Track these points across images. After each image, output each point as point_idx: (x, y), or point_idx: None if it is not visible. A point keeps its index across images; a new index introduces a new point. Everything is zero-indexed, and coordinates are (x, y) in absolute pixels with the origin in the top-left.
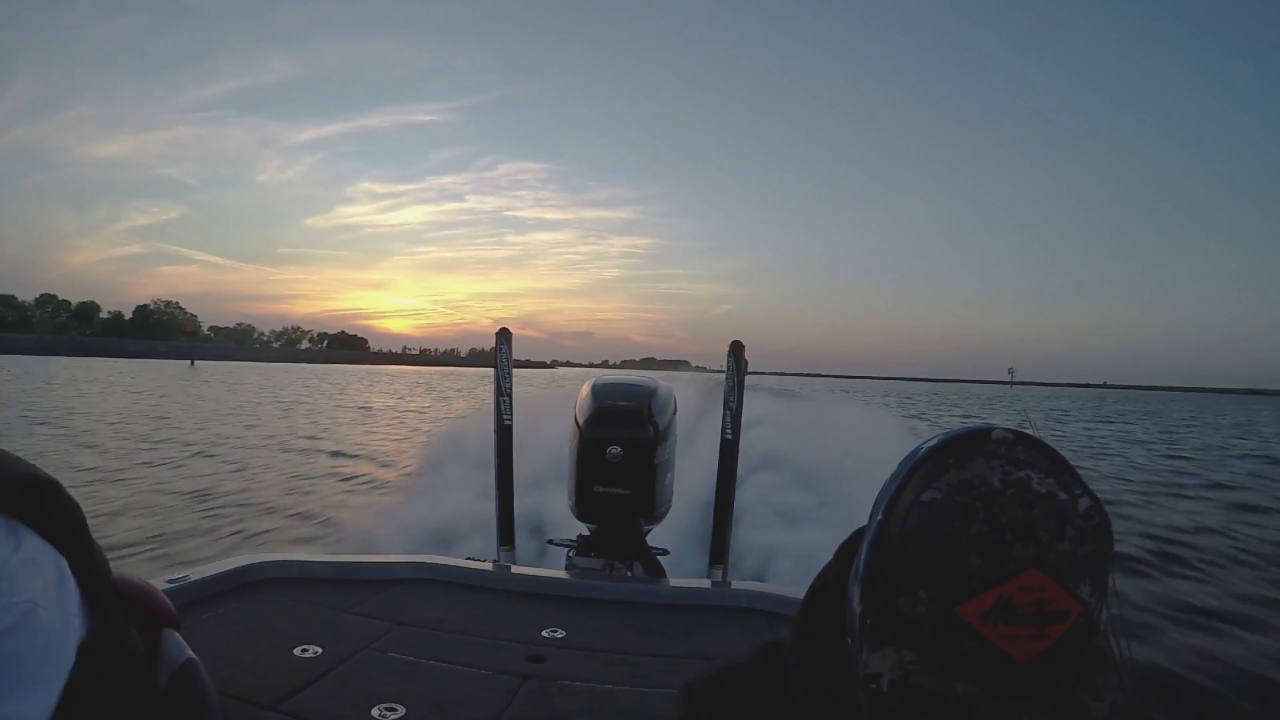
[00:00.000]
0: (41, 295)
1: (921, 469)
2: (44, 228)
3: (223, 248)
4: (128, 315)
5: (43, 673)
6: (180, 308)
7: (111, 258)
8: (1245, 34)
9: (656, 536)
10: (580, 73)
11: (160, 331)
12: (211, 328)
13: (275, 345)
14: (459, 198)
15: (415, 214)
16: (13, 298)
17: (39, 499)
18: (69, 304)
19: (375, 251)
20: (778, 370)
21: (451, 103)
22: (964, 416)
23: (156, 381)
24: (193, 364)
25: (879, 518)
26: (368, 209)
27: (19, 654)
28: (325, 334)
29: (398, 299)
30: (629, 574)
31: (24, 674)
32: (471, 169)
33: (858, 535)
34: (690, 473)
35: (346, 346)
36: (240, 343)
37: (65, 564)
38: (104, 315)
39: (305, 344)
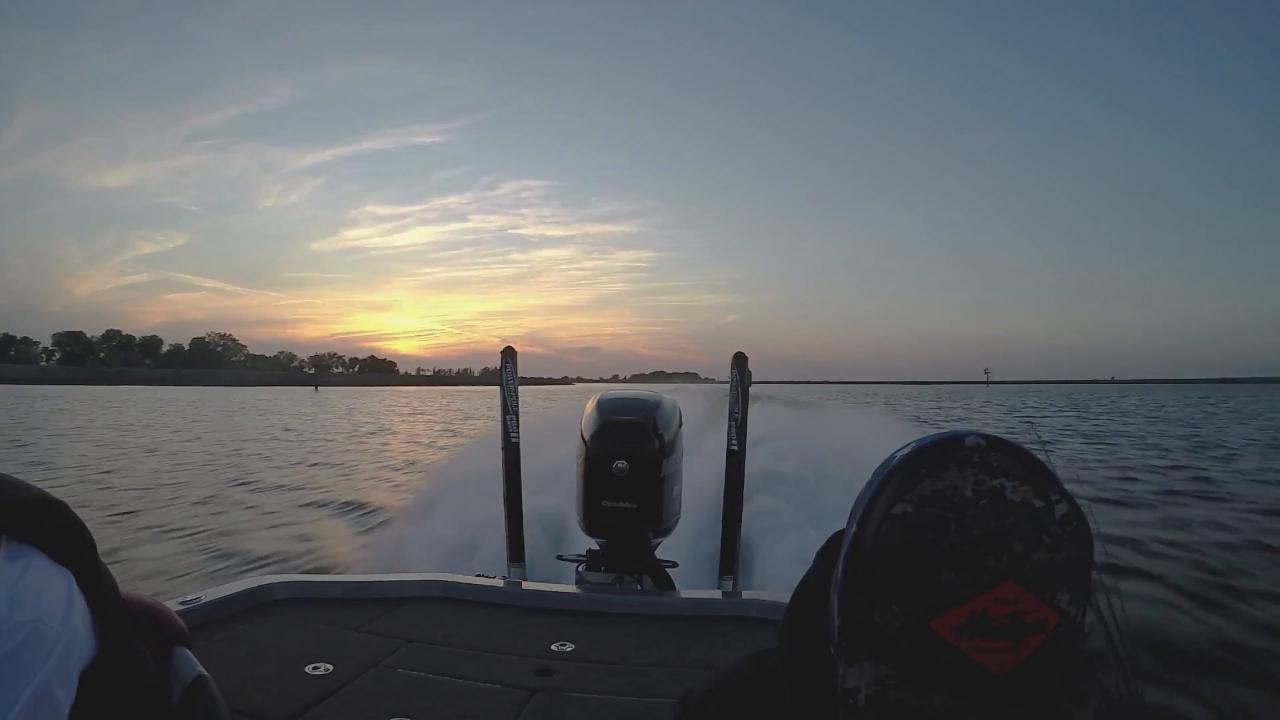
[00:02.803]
0: (107, 331)
1: (894, 479)
2: (50, 258)
3: (228, 274)
4: (146, 341)
5: (53, 689)
6: (232, 338)
7: (118, 286)
8: (1237, 31)
9: (665, 549)
10: (578, 87)
11: (216, 360)
12: (248, 355)
13: (310, 371)
14: (462, 217)
15: (419, 235)
16: (81, 334)
17: (47, 520)
18: (134, 339)
19: (380, 273)
20: (784, 379)
21: (452, 122)
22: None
23: (354, 403)
24: (317, 389)
25: (853, 529)
26: (371, 231)
27: (29, 671)
28: (356, 359)
29: (404, 320)
30: (639, 587)
31: (35, 690)
32: (474, 188)
33: (836, 540)
34: (698, 484)
35: (377, 370)
36: (283, 369)
37: (74, 583)
38: (166, 348)
39: (338, 369)
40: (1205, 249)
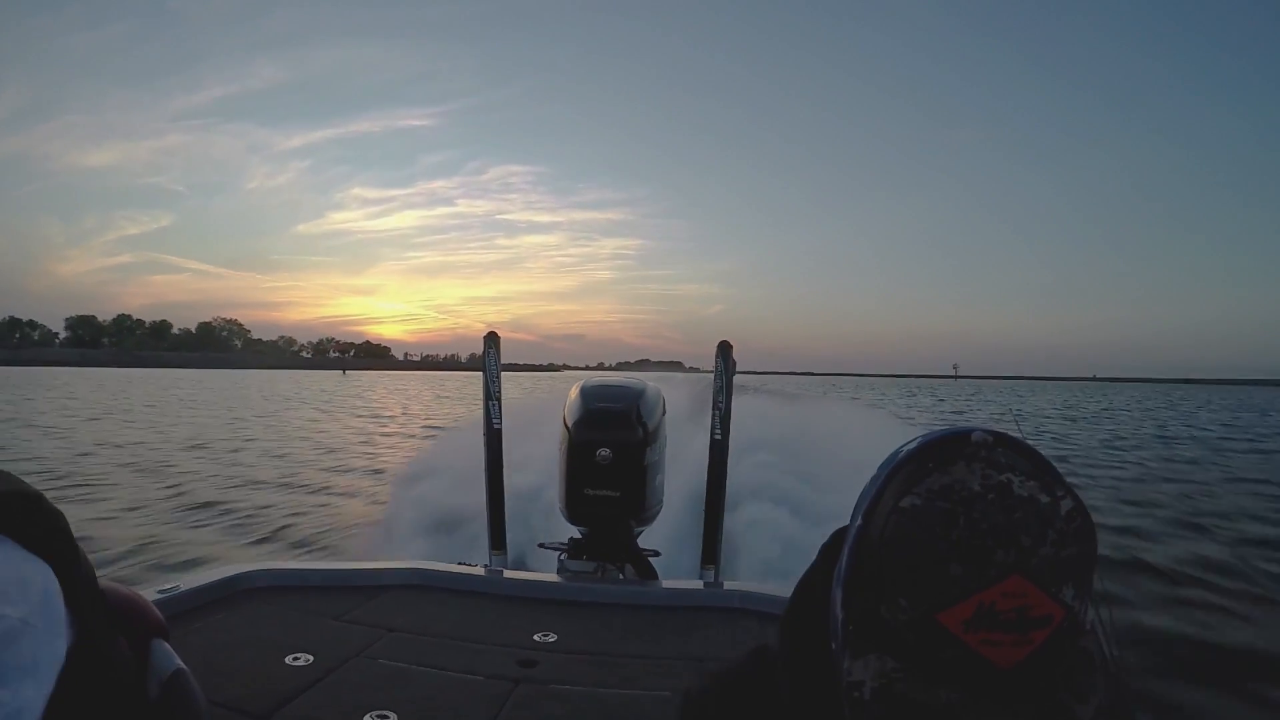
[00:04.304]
0: (118, 315)
1: (901, 473)
2: (33, 238)
3: (213, 255)
4: (155, 326)
5: (32, 681)
6: (238, 323)
7: (101, 267)
8: (1227, 29)
9: (648, 538)
10: (567, 74)
11: (222, 345)
12: (244, 341)
13: (307, 355)
14: (449, 202)
15: (405, 219)
16: (93, 318)
17: (22, 512)
18: (143, 323)
19: (366, 257)
20: (768, 370)
21: (440, 106)
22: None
23: (396, 385)
24: (345, 373)
25: (859, 522)
26: (358, 214)
27: (7, 664)
28: (352, 344)
29: (389, 304)
30: (621, 576)
31: (12, 683)
32: (461, 173)
33: (839, 535)
34: (681, 473)
35: (373, 355)
36: (283, 354)
37: (51, 574)
38: (175, 332)
39: (335, 353)
40: (1196, 248)
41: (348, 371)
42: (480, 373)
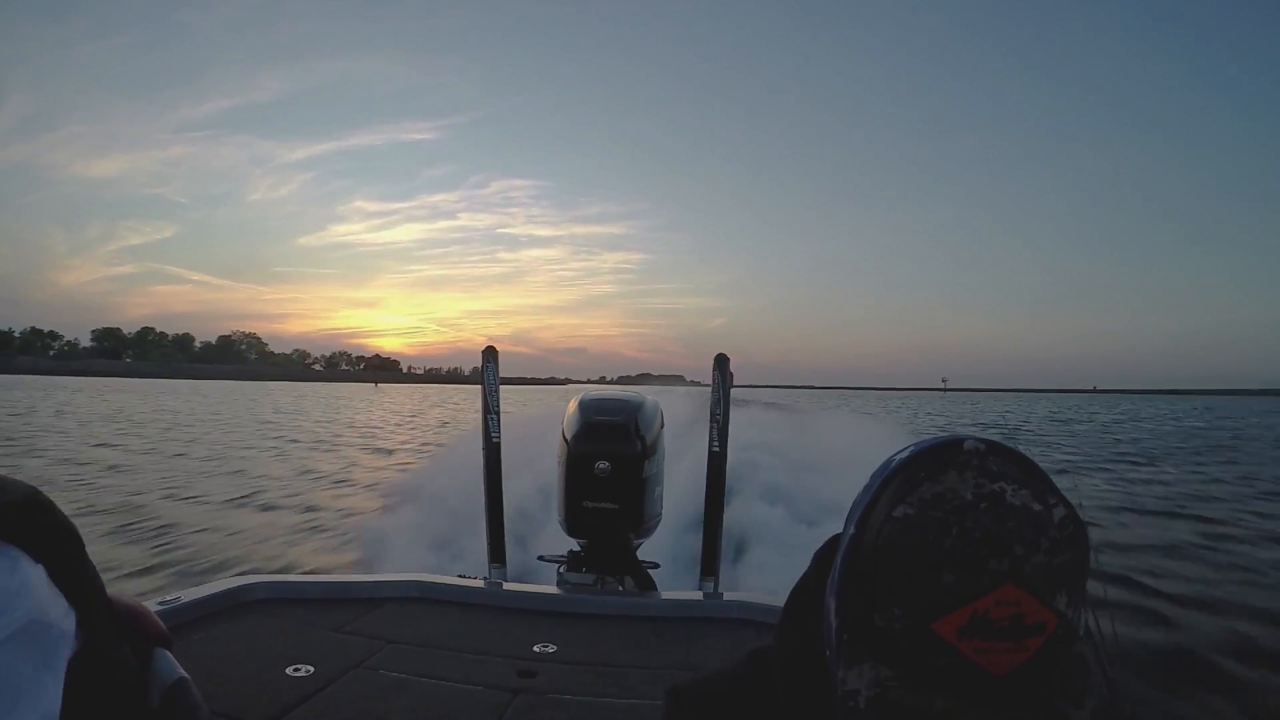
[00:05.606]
0: (142, 328)
1: (893, 483)
2: (36, 247)
3: (215, 267)
4: (178, 339)
5: (38, 685)
6: (256, 336)
7: (104, 277)
8: (1224, 34)
9: (647, 550)
10: (569, 87)
11: (240, 357)
12: (259, 353)
13: (318, 368)
14: (451, 215)
15: (407, 232)
16: (118, 329)
17: (32, 520)
18: (166, 335)
19: (368, 269)
20: (770, 384)
21: (443, 120)
22: None
23: (434, 399)
24: (377, 386)
25: (851, 532)
26: (360, 227)
27: (14, 666)
28: (362, 357)
29: (390, 317)
30: (620, 588)
31: (20, 686)
32: (463, 186)
33: (833, 542)
34: (680, 486)
35: (382, 368)
36: (297, 366)
37: (58, 582)
38: (197, 345)
39: (344, 366)
40: (1200, 255)
41: (379, 385)
42: (478, 386)
